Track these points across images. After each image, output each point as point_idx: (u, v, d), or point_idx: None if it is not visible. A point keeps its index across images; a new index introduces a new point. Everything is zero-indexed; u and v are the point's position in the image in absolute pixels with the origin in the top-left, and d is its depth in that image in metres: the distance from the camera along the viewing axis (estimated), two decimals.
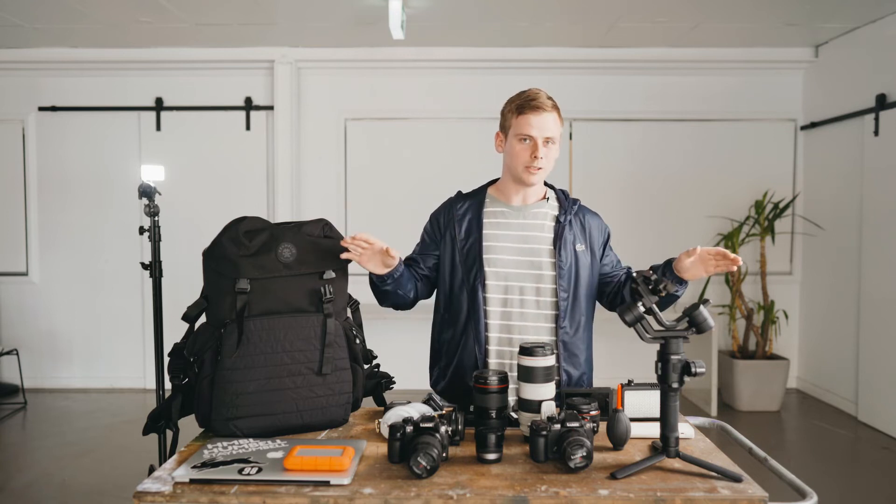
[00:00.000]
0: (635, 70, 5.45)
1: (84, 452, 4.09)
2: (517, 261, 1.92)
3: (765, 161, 5.47)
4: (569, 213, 1.96)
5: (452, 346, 1.95)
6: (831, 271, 5.09)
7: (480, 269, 1.90)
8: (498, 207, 1.97)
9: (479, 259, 1.91)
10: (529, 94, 1.90)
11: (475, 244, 1.92)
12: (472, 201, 1.99)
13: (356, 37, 5.07)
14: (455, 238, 1.94)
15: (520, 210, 1.96)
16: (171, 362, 1.71)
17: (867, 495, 3.58)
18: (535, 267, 1.91)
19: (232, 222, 1.69)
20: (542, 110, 1.86)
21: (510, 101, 1.94)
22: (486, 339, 1.91)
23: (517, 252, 1.92)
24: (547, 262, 1.91)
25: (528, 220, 1.95)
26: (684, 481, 1.36)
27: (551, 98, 1.91)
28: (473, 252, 1.92)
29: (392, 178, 5.49)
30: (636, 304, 1.53)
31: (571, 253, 1.93)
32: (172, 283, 3.77)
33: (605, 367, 5.13)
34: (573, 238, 1.94)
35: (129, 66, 5.42)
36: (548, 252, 1.91)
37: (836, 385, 5.01)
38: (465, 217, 1.96)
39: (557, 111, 1.90)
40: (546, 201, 1.99)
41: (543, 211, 1.97)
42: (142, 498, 1.30)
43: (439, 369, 2.01)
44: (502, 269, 1.91)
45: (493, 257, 1.91)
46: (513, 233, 1.94)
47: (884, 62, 4.52)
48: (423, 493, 1.30)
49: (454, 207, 1.99)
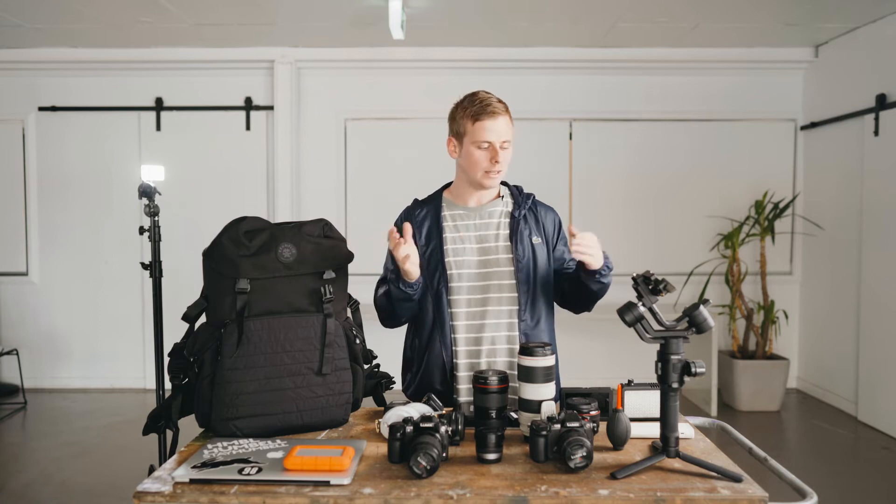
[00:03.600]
0: (635, 70, 5.45)
1: (84, 452, 4.09)
2: (478, 261, 1.94)
3: (765, 161, 5.47)
4: (522, 207, 1.99)
5: (421, 351, 1.96)
6: (831, 271, 5.09)
7: (444, 273, 1.92)
8: (455, 210, 1.99)
9: (441, 263, 1.92)
10: (482, 99, 1.91)
11: (436, 249, 1.94)
12: (429, 207, 2.01)
13: (356, 37, 5.07)
14: (416, 245, 1.93)
15: (476, 210, 1.99)
16: (171, 362, 1.71)
17: (867, 495, 3.58)
18: (494, 264, 1.93)
19: (232, 222, 1.69)
20: (497, 115, 1.88)
21: (461, 107, 1.95)
22: (454, 340, 1.92)
23: (477, 252, 1.95)
24: (505, 258, 1.93)
25: (485, 219, 1.98)
26: (684, 481, 1.36)
27: (502, 101, 1.93)
28: (436, 257, 1.93)
29: (392, 178, 5.49)
30: (636, 304, 1.53)
31: (528, 246, 1.95)
32: (172, 283, 3.77)
33: (605, 367, 5.18)
34: (529, 232, 1.96)
35: (129, 66, 5.42)
36: (505, 248, 1.94)
37: (836, 385, 5.01)
38: (425, 223, 1.98)
39: (509, 113, 1.93)
40: (501, 199, 2.01)
41: (497, 209, 1.99)
42: (142, 498, 1.30)
43: (410, 374, 2.02)
44: (465, 271, 1.93)
45: (455, 259, 1.93)
46: (471, 234, 1.96)
47: (884, 62, 4.52)
48: (423, 493, 1.30)
49: (413, 214, 2.00)
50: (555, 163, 5.45)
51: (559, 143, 5.47)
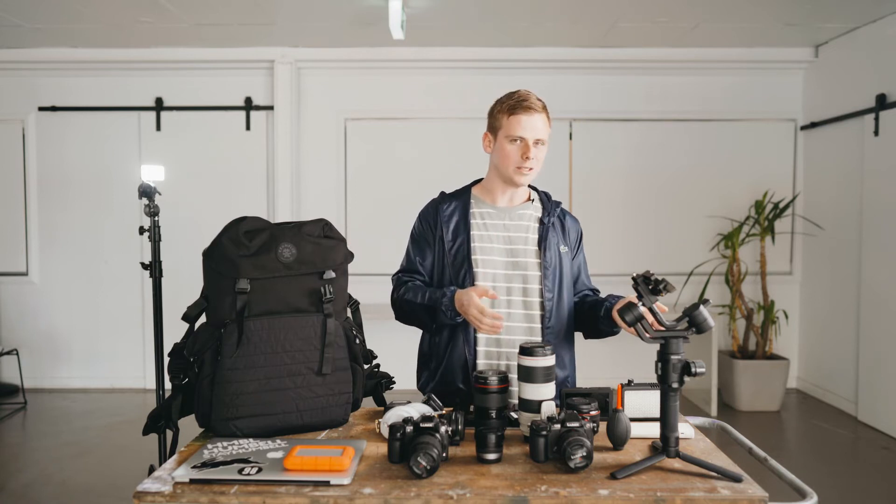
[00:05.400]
0: (635, 70, 5.45)
1: (84, 452, 4.09)
2: (504, 262, 1.93)
3: (765, 161, 5.47)
4: (552, 214, 1.99)
5: (442, 348, 1.96)
6: (831, 271, 5.09)
7: (469, 270, 1.91)
8: (484, 208, 1.98)
9: (467, 260, 1.92)
10: (520, 95, 1.90)
11: (463, 245, 1.93)
12: (458, 202, 2.00)
13: (356, 37, 5.07)
14: (443, 240, 1.95)
15: (505, 211, 1.98)
16: (171, 362, 1.71)
17: (867, 495, 3.58)
18: (521, 268, 1.93)
19: (232, 222, 1.69)
20: (533, 111, 1.87)
21: (500, 101, 1.94)
22: (476, 339, 1.92)
23: (504, 253, 1.94)
24: (533, 262, 1.93)
25: (514, 221, 1.97)
26: (684, 481, 1.36)
27: (541, 99, 1.91)
28: (462, 254, 1.93)
29: (392, 178, 5.49)
30: (636, 304, 1.53)
31: (556, 254, 1.95)
32: (172, 283, 3.77)
33: (606, 367, 5.18)
34: (557, 240, 1.97)
35: (129, 66, 5.42)
36: (533, 253, 1.94)
37: (836, 385, 5.01)
38: (452, 218, 1.97)
39: (546, 112, 1.91)
40: (531, 203, 2.01)
41: (528, 213, 1.99)
42: (142, 498, 1.30)
43: (429, 371, 2.01)
44: (490, 271, 1.92)
45: (481, 258, 1.92)
46: (499, 234, 1.95)
47: (884, 62, 4.52)
48: (423, 493, 1.30)
49: (440, 209, 1.99)
50: (555, 163, 5.44)
51: (559, 143, 5.47)
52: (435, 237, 1.97)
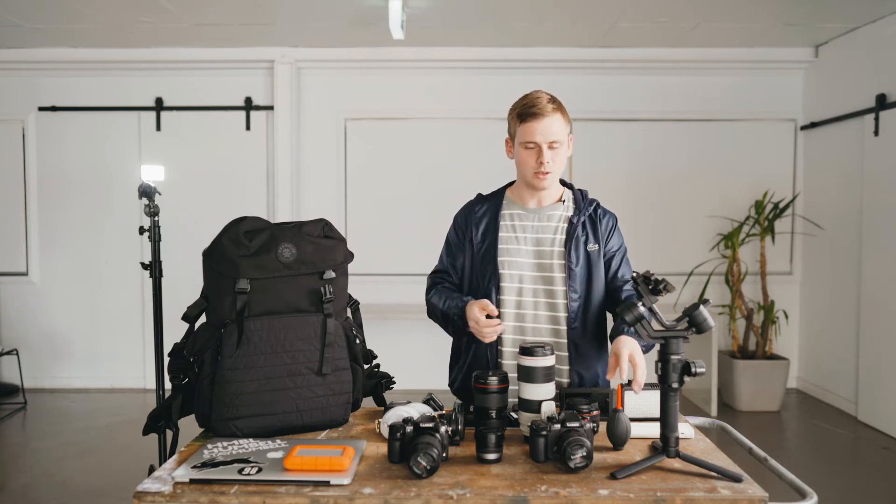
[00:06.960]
0: (635, 70, 5.45)
1: (84, 452, 4.09)
2: (531, 263, 1.92)
3: (765, 161, 5.47)
4: (583, 213, 1.95)
5: (468, 347, 1.96)
6: (831, 271, 5.09)
7: (495, 271, 1.91)
8: (514, 210, 1.98)
9: (493, 261, 1.92)
10: (530, 99, 1.88)
11: (491, 247, 1.93)
12: (490, 204, 2.00)
13: (356, 37, 5.07)
14: (473, 241, 1.95)
15: (535, 212, 1.96)
16: (171, 362, 1.71)
17: (867, 495, 3.58)
18: (547, 269, 1.91)
19: (232, 222, 1.69)
20: (542, 116, 1.84)
21: (513, 107, 1.92)
22: (500, 339, 1.92)
23: (531, 255, 1.93)
24: (558, 263, 1.91)
25: (543, 222, 1.95)
26: (684, 481, 1.36)
27: (554, 100, 1.88)
28: (489, 255, 1.93)
29: (392, 177, 5.49)
30: (636, 304, 1.53)
31: (583, 254, 1.91)
32: (172, 283, 3.77)
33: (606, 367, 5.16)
34: (585, 238, 1.93)
35: (129, 66, 5.42)
36: (559, 254, 1.91)
37: (836, 385, 5.01)
38: (483, 220, 1.97)
39: (561, 111, 1.88)
40: (562, 203, 1.98)
41: (558, 213, 1.96)
42: (142, 498, 1.30)
43: (458, 369, 2.02)
44: (517, 272, 1.92)
45: (508, 259, 1.92)
46: (528, 235, 1.94)
47: (884, 62, 4.52)
48: (423, 493, 1.30)
49: (473, 210, 2.00)
50: None
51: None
52: (466, 238, 1.98)
